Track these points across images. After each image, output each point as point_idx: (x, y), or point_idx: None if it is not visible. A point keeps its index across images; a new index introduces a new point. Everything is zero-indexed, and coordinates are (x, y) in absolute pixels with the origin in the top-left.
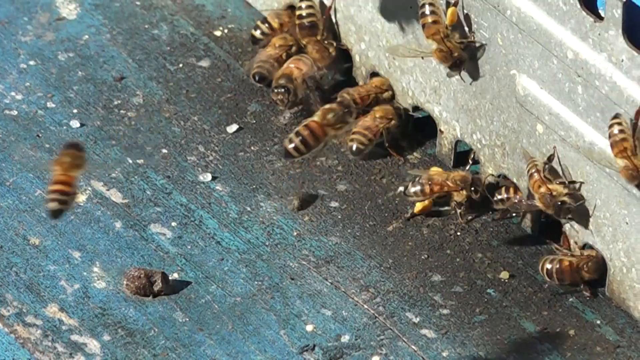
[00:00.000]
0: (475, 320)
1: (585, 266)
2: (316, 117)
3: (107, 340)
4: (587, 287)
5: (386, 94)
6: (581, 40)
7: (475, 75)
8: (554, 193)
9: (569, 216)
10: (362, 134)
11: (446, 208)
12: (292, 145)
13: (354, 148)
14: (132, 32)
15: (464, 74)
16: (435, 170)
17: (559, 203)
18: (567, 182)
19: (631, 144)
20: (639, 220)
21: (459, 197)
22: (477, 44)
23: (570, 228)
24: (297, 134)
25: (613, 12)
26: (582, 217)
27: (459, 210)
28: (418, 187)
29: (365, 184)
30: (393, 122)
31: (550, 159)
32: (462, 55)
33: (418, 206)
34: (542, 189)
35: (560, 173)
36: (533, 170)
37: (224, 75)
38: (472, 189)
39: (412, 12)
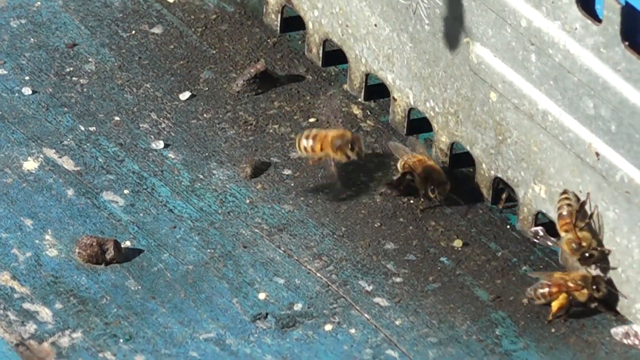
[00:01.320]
0: (429, 289)
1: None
2: None
3: (59, 308)
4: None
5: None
6: (535, 8)
7: (428, 43)
8: (583, 243)
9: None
10: None
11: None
12: None
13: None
14: None
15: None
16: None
17: (586, 255)
18: (596, 229)
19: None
20: (592, 188)
21: (581, 296)
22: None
23: (525, 196)
24: None
25: None
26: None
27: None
28: (546, 290)
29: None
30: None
31: (583, 205)
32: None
33: (554, 306)
34: (570, 235)
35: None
36: (564, 211)
37: (177, 42)
38: (594, 287)
39: None
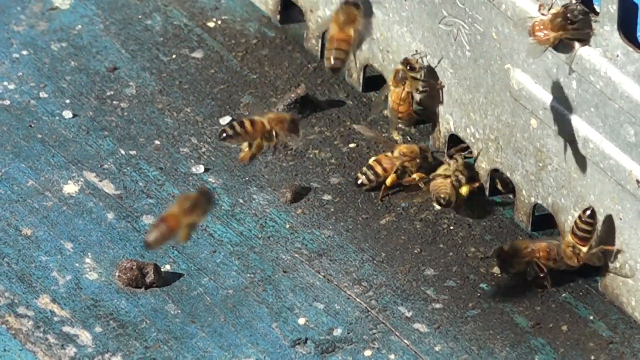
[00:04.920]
0: (468, 315)
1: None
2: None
3: (98, 332)
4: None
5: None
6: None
7: (469, 69)
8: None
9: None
10: None
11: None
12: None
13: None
14: (126, 22)
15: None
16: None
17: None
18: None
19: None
20: (632, 216)
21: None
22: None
23: (565, 222)
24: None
25: (608, 8)
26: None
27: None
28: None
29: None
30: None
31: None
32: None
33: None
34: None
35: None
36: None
37: (217, 66)
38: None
39: None
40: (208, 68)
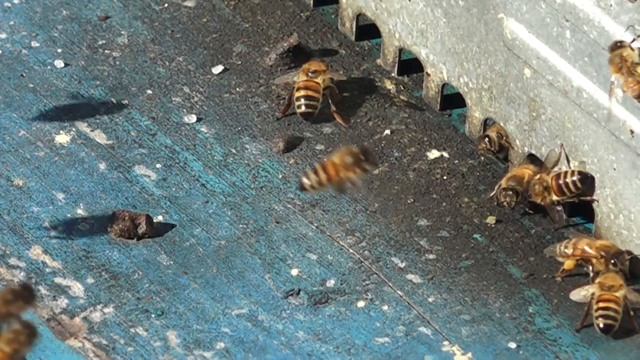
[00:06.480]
0: (462, 266)
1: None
2: None
3: (90, 283)
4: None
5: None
6: None
7: (462, 18)
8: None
9: None
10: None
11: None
12: None
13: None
14: None
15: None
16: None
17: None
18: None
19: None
20: (626, 166)
21: (599, 265)
22: None
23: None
24: None
25: None
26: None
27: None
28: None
29: (351, 126)
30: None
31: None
32: None
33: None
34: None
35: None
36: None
37: (210, 15)
38: (613, 262)
39: None
40: (200, 17)
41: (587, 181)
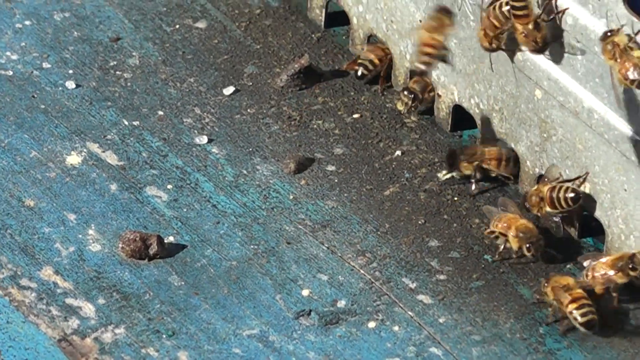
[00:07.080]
0: (472, 286)
1: None
2: None
3: (101, 304)
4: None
5: None
6: (581, 6)
7: (473, 40)
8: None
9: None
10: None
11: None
12: None
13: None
14: None
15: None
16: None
17: None
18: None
19: None
20: (637, 187)
21: (621, 279)
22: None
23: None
24: None
25: None
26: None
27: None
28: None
29: (362, 147)
30: None
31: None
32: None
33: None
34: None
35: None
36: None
37: (221, 36)
38: (630, 266)
39: None
40: (211, 38)
41: (579, 200)
